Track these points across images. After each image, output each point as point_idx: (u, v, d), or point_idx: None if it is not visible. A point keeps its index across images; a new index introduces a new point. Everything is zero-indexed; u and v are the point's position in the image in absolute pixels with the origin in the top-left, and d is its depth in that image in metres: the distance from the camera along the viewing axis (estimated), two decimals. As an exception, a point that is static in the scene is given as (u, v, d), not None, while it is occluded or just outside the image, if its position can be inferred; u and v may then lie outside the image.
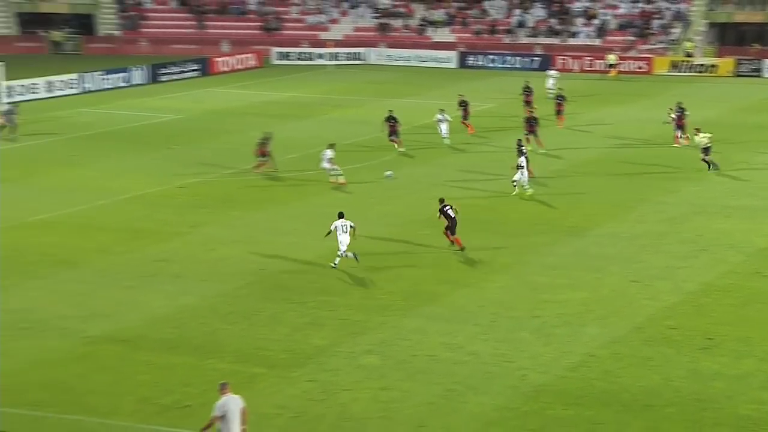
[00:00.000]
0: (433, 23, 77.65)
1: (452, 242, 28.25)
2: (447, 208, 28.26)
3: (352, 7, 79.88)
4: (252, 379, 20.07)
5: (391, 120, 41.86)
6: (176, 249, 28.38)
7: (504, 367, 20.79)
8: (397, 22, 78.53)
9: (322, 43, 74.36)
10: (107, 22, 78.27)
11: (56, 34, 74.83)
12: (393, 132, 41.69)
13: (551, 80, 56.21)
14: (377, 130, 43.32)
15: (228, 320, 23.08)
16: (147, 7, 79.21)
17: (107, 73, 59.58)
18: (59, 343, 21.52)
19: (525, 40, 73.45)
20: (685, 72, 66.36)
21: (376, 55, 73.51)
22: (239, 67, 68.86)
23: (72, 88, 57.05)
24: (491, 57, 70.69)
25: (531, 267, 27.16)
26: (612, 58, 66.09)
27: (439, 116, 43.19)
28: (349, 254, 26.68)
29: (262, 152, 37.14)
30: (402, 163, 40.08)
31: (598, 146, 43.24)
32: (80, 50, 74.65)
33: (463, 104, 46.08)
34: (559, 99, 47.61)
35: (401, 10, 79.02)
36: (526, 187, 34.15)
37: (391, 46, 74.79)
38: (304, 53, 73.35)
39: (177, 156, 40.84)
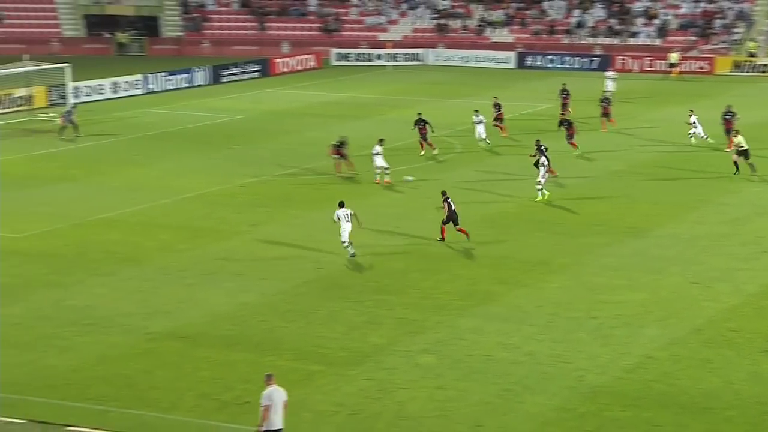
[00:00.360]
0: (492, 24, 77.29)
1: (442, 235, 28.92)
2: (449, 200, 28.92)
3: (411, 9, 79.85)
4: (310, 377, 20.16)
5: (421, 123, 41.13)
6: (236, 247, 28.63)
7: (561, 367, 20.62)
8: (455, 23, 78.34)
9: (380, 44, 74.45)
10: (171, 24, 79.28)
11: (122, 36, 76.00)
12: (423, 135, 40.98)
13: (609, 81, 55.39)
14: (436, 130, 43.12)
15: (286, 318, 23.22)
16: (210, 9, 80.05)
17: (170, 74, 60.33)
18: (122, 339, 21.85)
19: (584, 41, 72.74)
20: (747, 72, 65.15)
21: (434, 55, 73.39)
22: (299, 68, 69.26)
23: (136, 88, 57.89)
24: (550, 57, 70.15)
25: (589, 267, 26.89)
26: (674, 57, 65.12)
27: (474, 118, 42.58)
28: (350, 249, 27.06)
29: (338, 153, 37.15)
30: (455, 164, 39.96)
31: (656, 147, 42.67)
32: (145, 52, 75.73)
33: (497, 107, 45.35)
34: (605, 102, 46.02)
35: (460, 11, 78.80)
36: (539, 187, 33.33)
37: (449, 46, 74.63)
38: (363, 54, 73.52)
39: (237, 156, 41.21)
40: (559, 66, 69.29)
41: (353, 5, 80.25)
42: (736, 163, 36.68)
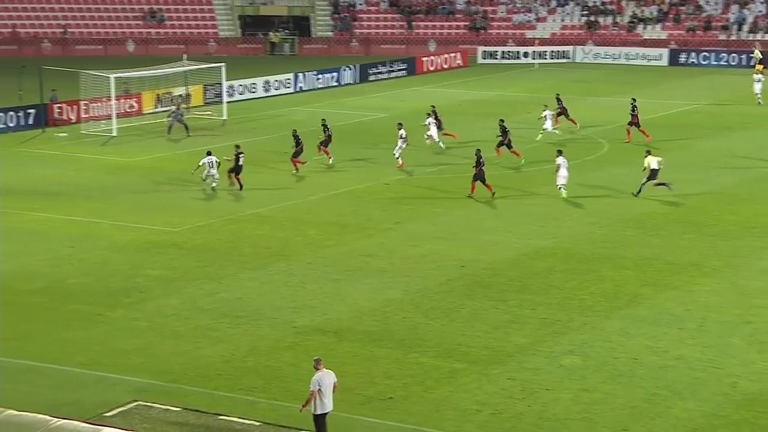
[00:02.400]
0: (644, 20, 75.30)
1: (476, 189, 32.51)
2: (481, 159, 32.64)
3: (560, 5, 78.66)
4: (453, 375, 20.13)
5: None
6: (381, 244, 28.88)
7: (712, 373, 19.89)
8: (605, 20, 76.72)
9: (528, 42, 73.70)
10: (322, 24, 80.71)
11: (274, 36, 77.84)
12: (439, 126, 41.60)
13: (758, 85, 52.50)
14: (582, 129, 42.47)
15: (430, 315, 23.26)
16: (359, 9, 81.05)
17: (320, 73, 61.37)
18: (271, 332, 22.36)
19: (742, 37, 69.90)
20: None
21: (582, 53, 72.10)
22: (445, 66, 69.27)
23: (287, 87, 59.15)
24: (704, 54, 67.78)
25: (744, 271, 25.86)
26: (758, 53, 62.30)
27: (545, 113, 42.79)
28: (214, 184, 32.66)
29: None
30: (603, 163, 39.15)
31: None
32: (296, 51, 77.35)
33: (559, 102, 44.99)
34: (634, 110, 42.36)
35: (611, 7, 77.10)
36: (559, 186, 33.28)
37: (598, 44, 73.18)
38: (510, 52, 72.93)
39: (382, 154, 41.56)
40: (714, 63, 66.91)
41: (501, 3, 79.68)
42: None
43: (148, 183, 36.38)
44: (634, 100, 43.14)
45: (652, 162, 33.62)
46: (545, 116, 43.13)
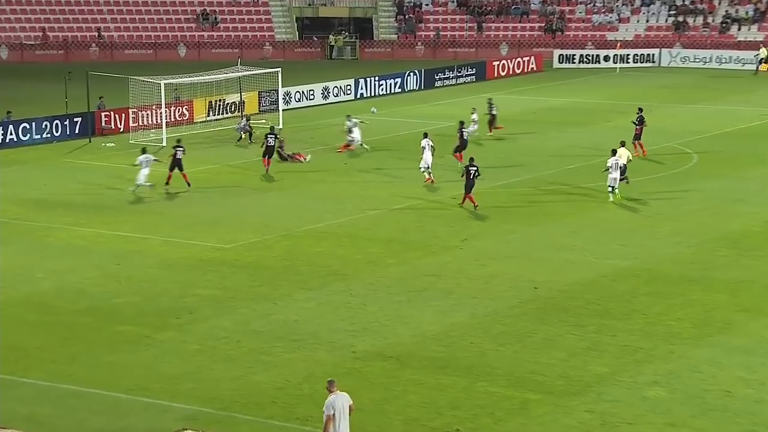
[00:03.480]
0: (738, 20, 74.24)
1: (465, 201, 33.60)
2: (472, 168, 33.69)
3: (645, 5, 77.95)
4: (525, 406, 19.98)
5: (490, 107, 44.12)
6: (447, 263, 28.83)
7: (812, 410, 19.46)
8: (695, 20, 75.83)
9: (609, 45, 73.16)
10: (385, 26, 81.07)
11: (334, 39, 78.40)
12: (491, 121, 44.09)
13: None
14: (669, 139, 42.09)
15: (500, 341, 23.13)
16: (425, 10, 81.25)
17: (382, 79, 61.63)
18: (329, 357, 22.42)
19: None
20: None
21: (670, 56, 71.33)
22: (518, 71, 69.09)
23: (347, 94, 59.47)
24: (805, 57, 66.70)
25: None
26: (765, 51, 62.00)
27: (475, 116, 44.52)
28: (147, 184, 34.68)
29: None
30: (694, 175, 38.64)
31: None
32: (356, 55, 77.81)
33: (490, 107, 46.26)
34: (639, 121, 41.52)
35: (701, 6, 76.20)
36: (611, 188, 34.18)
37: (687, 46, 72.40)
38: (589, 55, 72.48)
39: (449, 165, 41.53)
40: (815, 66, 65.77)
41: (580, 2, 79.25)
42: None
43: (199, 196, 36.85)
44: (641, 110, 42.14)
45: (623, 156, 35.40)
46: (473, 120, 44.34)
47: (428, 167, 37.42)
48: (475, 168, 34.15)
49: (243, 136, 46.24)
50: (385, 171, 40.27)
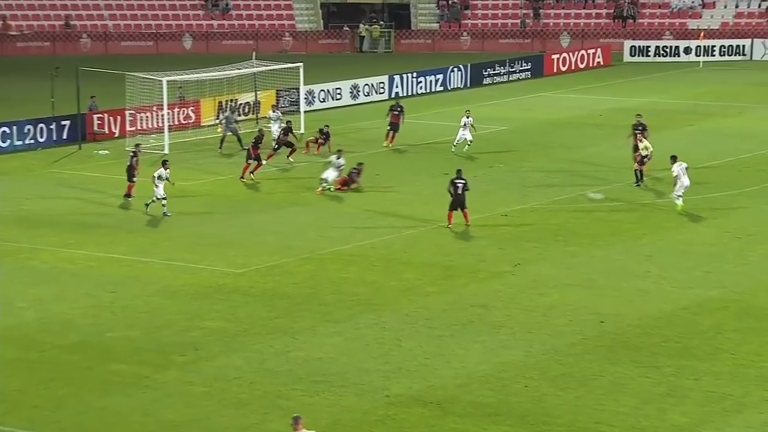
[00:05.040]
0: None
1: (451, 220, 33.97)
2: (460, 182, 34.03)
3: (733, -13, 77.82)
4: (588, 462, 19.92)
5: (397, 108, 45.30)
6: (497, 292, 28.82)
7: None
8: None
9: (691, 35, 72.96)
10: (425, 13, 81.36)
11: (365, 29, 78.74)
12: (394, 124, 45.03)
13: None
14: (763, 146, 41.91)
15: (559, 384, 23.08)
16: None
17: (421, 75, 61.80)
18: (358, 402, 22.45)
19: None
20: None
21: (764, 48, 70.97)
22: (581, 65, 69.10)
23: (380, 93, 59.70)
24: None
25: None
26: None
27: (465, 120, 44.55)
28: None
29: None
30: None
31: None
32: (391, 47, 78.13)
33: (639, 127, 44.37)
34: (639, 128, 41.06)
35: (801, -12, 75.99)
36: (674, 197, 35.36)
37: (783, 36, 71.99)
38: (667, 47, 72.34)
39: (500, 177, 41.54)
40: None
41: (654, -15, 79.24)
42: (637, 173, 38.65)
43: (207, 212, 37.06)
44: (640, 116, 41.65)
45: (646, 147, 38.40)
46: (464, 123, 44.54)
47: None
48: (463, 182, 34.31)
49: (226, 136, 46.45)
50: (426, 183, 40.32)
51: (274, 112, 48.19)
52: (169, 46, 76.00)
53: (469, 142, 44.57)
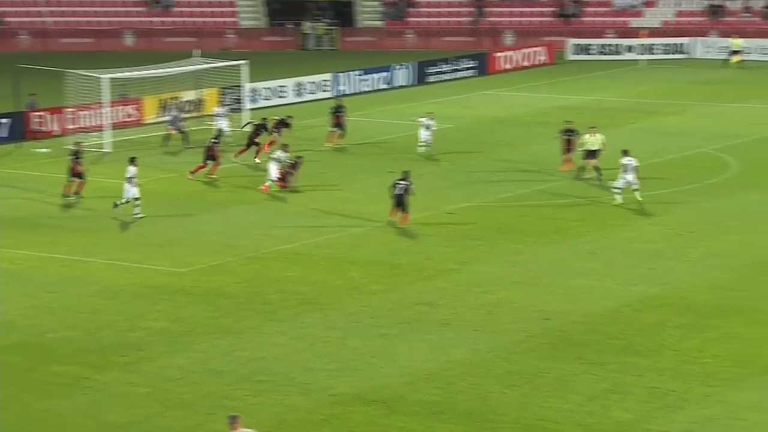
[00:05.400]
0: (786, 3, 74.79)
1: (393, 214, 33.80)
2: (401, 183, 33.89)
3: (674, -14, 78.55)
4: (534, 459, 20.02)
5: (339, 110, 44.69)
6: (442, 290, 28.86)
7: None
8: (734, 4, 76.32)
9: (633, 33, 73.53)
10: (369, 11, 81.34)
11: (309, 27, 78.59)
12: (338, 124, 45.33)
13: None
14: (703, 144, 42.35)
15: (505, 382, 23.16)
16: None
17: (366, 73, 61.77)
18: (303, 401, 22.40)
19: None
20: None
21: (704, 46, 71.72)
22: (525, 63, 69.36)
23: (324, 90, 59.59)
24: None
25: None
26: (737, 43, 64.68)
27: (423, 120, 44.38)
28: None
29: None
30: (733, 186, 38.82)
31: None
32: (336, 45, 78.02)
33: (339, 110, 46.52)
34: (568, 134, 41.25)
35: (741, -12, 76.83)
36: (613, 190, 36.13)
37: (725, 34, 72.73)
38: (609, 45, 72.84)
39: (445, 175, 41.62)
40: None
41: (597, -17, 79.79)
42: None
43: (148, 211, 36.78)
44: (570, 122, 41.76)
45: (592, 141, 38.89)
46: (423, 123, 44.26)
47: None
48: (406, 184, 34.16)
49: (176, 135, 46.20)
50: (370, 182, 40.29)
51: (220, 108, 47.91)
52: (110, 44, 75.32)
53: (428, 144, 44.13)
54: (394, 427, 21.23)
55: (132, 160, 36.31)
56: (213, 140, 41.49)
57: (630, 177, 35.88)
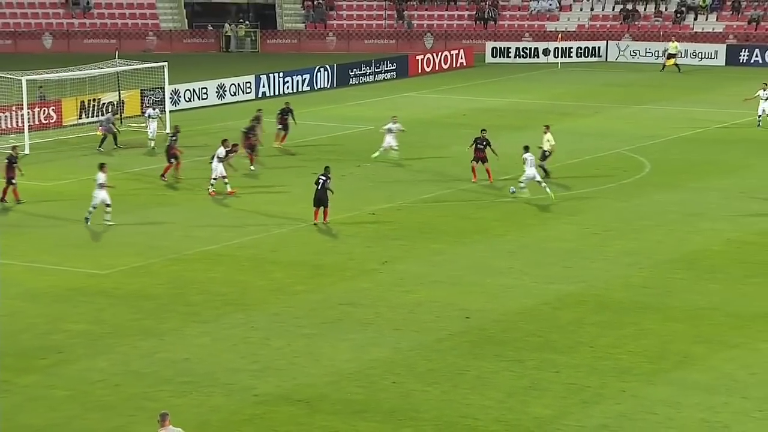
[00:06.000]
0: (695, 9, 76.05)
1: (317, 216, 34.45)
2: (322, 179, 34.30)
3: (589, -9, 79.49)
4: (455, 456, 20.11)
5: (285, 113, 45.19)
6: (364, 290, 28.90)
7: (783, 454, 19.93)
8: (647, 9, 77.42)
9: (549, 36, 74.33)
10: (290, 13, 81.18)
11: (231, 28, 78.22)
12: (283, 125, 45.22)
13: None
14: (617, 145, 42.88)
15: (426, 380, 23.25)
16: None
17: (287, 75, 61.67)
18: (226, 402, 22.28)
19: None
20: None
21: (618, 50, 72.72)
22: (445, 66, 69.76)
23: (246, 92, 59.40)
24: (771, 52, 68.64)
25: (820, 324, 25.99)
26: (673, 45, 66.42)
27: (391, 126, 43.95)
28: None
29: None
30: (647, 186, 39.36)
31: None
32: (257, 47, 77.78)
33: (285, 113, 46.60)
34: (482, 143, 42.10)
35: (652, -8, 78.02)
36: (520, 187, 37.13)
37: (637, 38, 73.93)
38: (527, 49, 73.52)
39: (367, 175, 41.68)
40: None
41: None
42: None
43: (70, 213, 36.34)
44: (485, 131, 41.91)
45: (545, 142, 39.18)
46: (390, 129, 43.58)
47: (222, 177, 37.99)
48: (324, 179, 34.45)
49: (107, 137, 45.79)
50: (291, 183, 40.22)
51: (153, 109, 47.10)
52: (29, 45, 74.35)
53: (394, 148, 43.58)
54: (317, 426, 21.22)
55: (101, 167, 35.14)
56: (171, 138, 40.89)
57: (531, 172, 36.31)
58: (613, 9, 78.26)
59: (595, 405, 22.01)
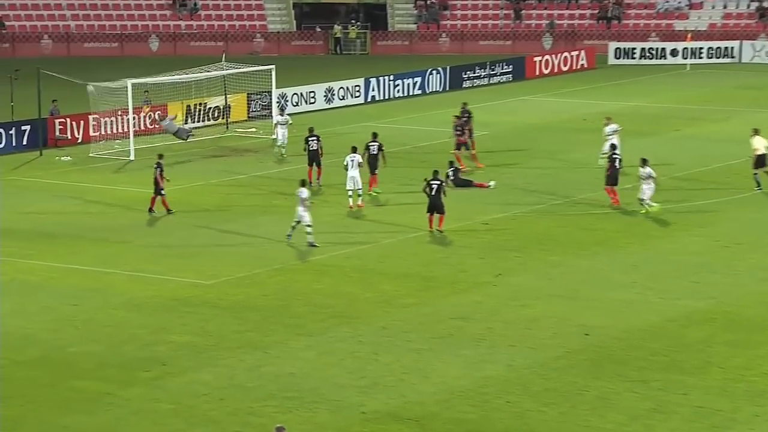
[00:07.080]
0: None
1: (431, 224, 34.17)
2: (434, 183, 33.73)
3: (722, -12, 78.26)
4: (573, 481, 19.92)
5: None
6: (477, 303, 28.82)
7: None
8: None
9: (678, 36, 73.29)
10: (402, 14, 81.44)
11: (339, 30, 78.76)
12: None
13: None
14: (751, 151, 41.97)
15: (543, 400, 23.09)
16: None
17: (398, 78, 61.81)
18: (332, 419, 22.39)
19: None
20: None
21: (753, 50, 71.36)
22: (564, 68, 69.27)
23: (355, 96, 59.69)
24: None
25: None
26: None
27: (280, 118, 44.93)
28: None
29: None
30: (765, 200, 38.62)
31: None
32: (367, 49, 78.16)
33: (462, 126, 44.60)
34: (459, 130, 42.36)
35: (793, -12, 76.49)
36: (646, 201, 36.16)
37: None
38: (653, 49, 72.59)
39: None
40: None
41: (641, -15, 79.61)
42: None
43: (174, 222, 36.94)
44: (465, 104, 41.29)
45: (760, 144, 37.87)
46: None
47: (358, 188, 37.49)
48: (439, 183, 34.22)
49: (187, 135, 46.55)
50: (401, 191, 40.28)
51: (281, 116, 47.13)
52: (135, 48, 75.78)
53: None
54: (427, 446, 21.20)
55: (303, 183, 34.23)
56: (156, 168, 37.19)
57: (646, 186, 35.98)
58: (748, 6, 76.87)
59: (727, 430, 21.66)
